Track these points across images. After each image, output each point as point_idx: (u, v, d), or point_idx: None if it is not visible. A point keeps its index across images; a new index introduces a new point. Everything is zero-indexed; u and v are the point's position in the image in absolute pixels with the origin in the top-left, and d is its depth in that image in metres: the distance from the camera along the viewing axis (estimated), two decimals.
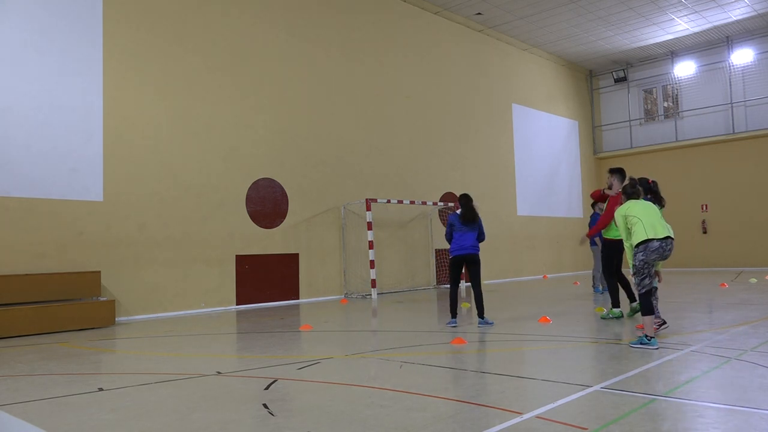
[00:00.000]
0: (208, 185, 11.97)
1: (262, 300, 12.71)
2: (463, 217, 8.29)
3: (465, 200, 8.45)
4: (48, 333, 9.02)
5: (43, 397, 4.80)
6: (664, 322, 7.19)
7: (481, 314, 8.29)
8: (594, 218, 12.68)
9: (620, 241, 8.23)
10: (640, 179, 7.47)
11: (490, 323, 8.25)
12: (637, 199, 6.69)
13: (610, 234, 8.56)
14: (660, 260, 6.38)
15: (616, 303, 8.55)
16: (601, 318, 8.55)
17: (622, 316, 8.50)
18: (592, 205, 11.33)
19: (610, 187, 8.68)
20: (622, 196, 6.85)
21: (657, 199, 7.51)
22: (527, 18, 18.29)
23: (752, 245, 20.27)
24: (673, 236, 6.33)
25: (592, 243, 12.80)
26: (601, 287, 12.82)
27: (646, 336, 6.11)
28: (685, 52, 21.93)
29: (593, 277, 12.95)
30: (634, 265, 6.33)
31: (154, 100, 11.35)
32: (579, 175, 23.26)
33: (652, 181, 7.66)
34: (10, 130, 9.59)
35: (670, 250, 6.29)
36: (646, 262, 6.25)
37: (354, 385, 4.83)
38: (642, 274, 6.28)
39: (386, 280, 15.15)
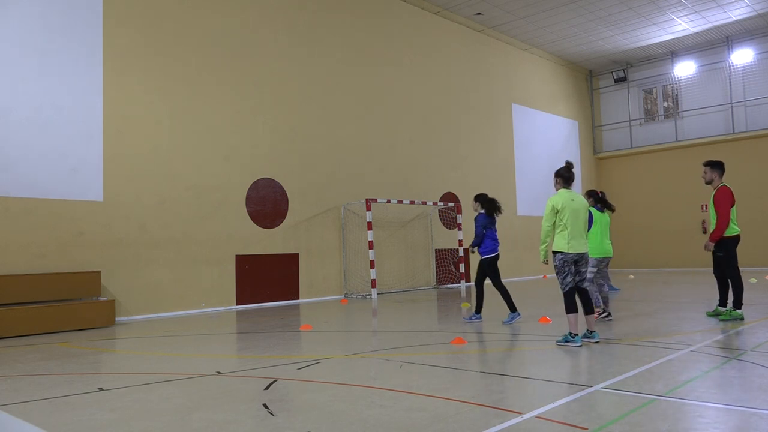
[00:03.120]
0: (208, 185, 11.97)
1: (262, 300, 12.71)
2: (497, 214, 8.66)
3: (491, 201, 8.71)
4: (48, 333, 9.02)
5: (43, 397, 4.80)
6: (609, 314, 8.34)
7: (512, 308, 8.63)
8: None
9: (734, 238, 8.00)
10: (590, 191, 8.61)
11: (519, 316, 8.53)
12: (569, 186, 6.55)
13: (727, 231, 7.98)
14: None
15: (724, 301, 8.07)
16: (720, 320, 7.84)
17: (743, 318, 7.81)
18: None
19: (709, 183, 8.17)
20: (557, 178, 6.59)
21: (607, 205, 8.61)
22: (527, 18, 18.28)
23: (752, 245, 20.20)
24: (587, 251, 6.48)
25: None
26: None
27: (571, 333, 6.27)
28: (685, 52, 21.92)
29: None
30: (555, 265, 6.45)
31: (154, 100, 11.35)
32: (579, 176, 23.23)
33: (601, 192, 8.70)
34: (11, 131, 9.59)
35: (585, 264, 6.48)
36: (565, 261, 6.36)
37: (354, 385, 4.83)
38: (564, 273, 6.38)
39: (386, 280, 15.14)
